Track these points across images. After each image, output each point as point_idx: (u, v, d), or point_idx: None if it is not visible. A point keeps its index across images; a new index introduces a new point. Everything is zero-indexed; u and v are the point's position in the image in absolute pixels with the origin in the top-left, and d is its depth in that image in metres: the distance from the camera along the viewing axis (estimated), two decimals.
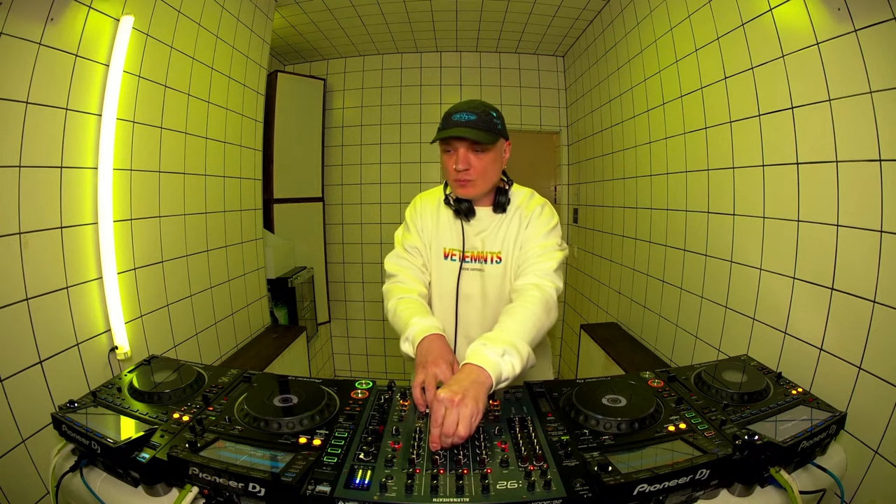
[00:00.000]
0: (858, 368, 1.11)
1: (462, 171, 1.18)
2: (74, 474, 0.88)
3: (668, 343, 2.03)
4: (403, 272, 1.29)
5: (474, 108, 1.18)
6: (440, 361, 1.00)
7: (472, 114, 1.16)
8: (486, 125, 1.16)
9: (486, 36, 3.30)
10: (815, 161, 1.23)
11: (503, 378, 0.94)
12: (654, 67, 2.11)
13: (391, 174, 3.69)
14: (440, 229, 1.33)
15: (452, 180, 1.23)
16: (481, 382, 0.90)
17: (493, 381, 0.92)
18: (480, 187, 1.23)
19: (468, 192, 1.23)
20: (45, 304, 1.24)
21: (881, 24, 1.02)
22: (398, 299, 1.21)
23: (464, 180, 1.21)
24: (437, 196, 1.37)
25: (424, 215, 1.35)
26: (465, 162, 1.18)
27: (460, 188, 1.23)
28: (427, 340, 1.06)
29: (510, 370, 0.95)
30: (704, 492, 0.82)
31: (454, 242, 1.31)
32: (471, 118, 1.16)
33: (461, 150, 1.18)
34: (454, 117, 1.17)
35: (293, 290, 2.94)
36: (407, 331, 1.10)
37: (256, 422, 0.91)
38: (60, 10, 1.25)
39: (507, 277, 1.28)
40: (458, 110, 1.18)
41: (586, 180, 3.23)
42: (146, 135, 1.65)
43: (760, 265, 1.45)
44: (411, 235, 1.34)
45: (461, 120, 1.16)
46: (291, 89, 3.29)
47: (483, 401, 0.88)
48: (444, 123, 1.19)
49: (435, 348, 1.04)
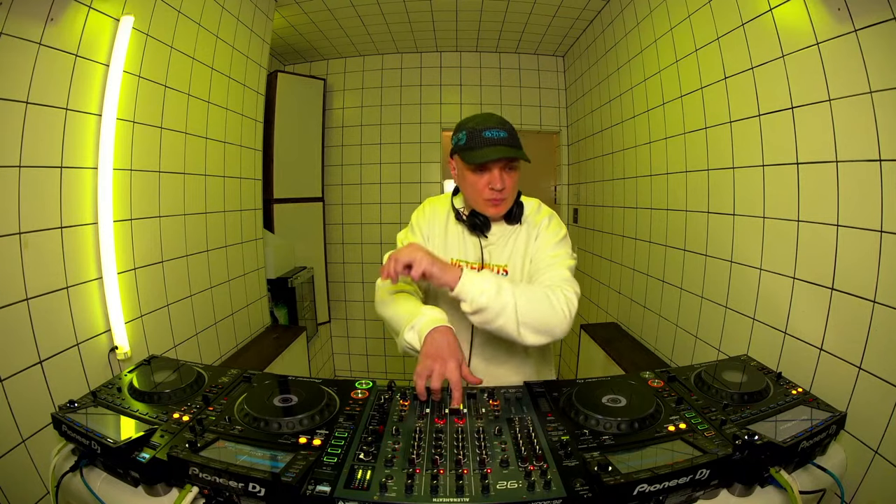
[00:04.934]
0: (858, 368, 1.11)
1: (498, 191, 1.15)
2: (74, 474, 0.88)
3: (668, 343, 2.03)
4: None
5: (502, 124, 1.15)
6: (450, 360, 0.99)
7: (503, 130, 1.13)
8: (517, 141, 1.15)
9: (486, 36, 3.30)
10: (815, 161, 1.23)
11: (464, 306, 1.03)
12: (654, 67, 2.11)
13: (391, 174, 3.69)
14: (448, 239, 1.30)
15: (484, 200, 1.18)
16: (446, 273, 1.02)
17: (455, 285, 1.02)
18: (509, 204, 1.21)
19: (500, 211, 1.21)
20: (45, 304, 1.24)
21: (881, 24, 1.02)
22: (396, 292, 1.18)
23: (498, 199, 1.17)
24: (445, 205, 1.33)
25: (434, 223, 1.32)
26: (501, 181, 1.14)
27: (492, 207, 1.19)
28: (438, 332, 1.04)
29: (475, 305, 1.02)
30: (704, 492, 0.82)
31: (461, 254, 1.28)
32: (503, 135, 1.13)
33: (496, 171, 1.14)
34: (486, 134, 1.13)
35: (293, 290, 2.94)
36: (414, 320, 1.07)
37: (256, 422, 0.91)
38: (60, 10, 1.25)
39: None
40: (488, 126, 1.14)
41: (586, 180, 3.23)
42: (146, 135, 1.65)
43: (760, 265, 1.45)
44: (415, 240, 1.30)
45: (496, 137, 1.12)
46: (291, 89, 3.29)
47: (419, 269, 1.00)
48: (477, 141, 1.13)
49: (445, 343, 1.02)
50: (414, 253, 1.02)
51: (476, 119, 1.18)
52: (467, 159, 1.15)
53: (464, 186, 1.24)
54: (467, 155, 1.15)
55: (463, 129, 1.18)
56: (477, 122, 1.17)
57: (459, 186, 1.28)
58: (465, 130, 1.16)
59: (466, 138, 1.15)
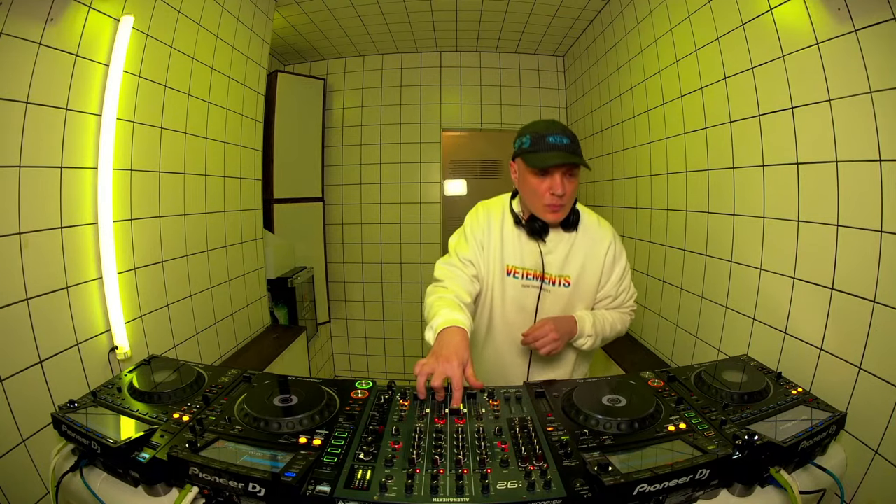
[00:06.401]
0: (858, 368, 1.11)
1: (559, 196, 1.17)
2: (74, 474, 0.88)
3: (668, 343, 2.03)
4: (450, 279, 1.27)
5: (564, 130, 1.18)
6: (453, 359, 0.99)
7: (566, 137, 1.16)
8: (578, 149, 1.18)
9: (486, 36, 3.30)
10: (815, 161, 1.23)
11: (579, 341, 1.27)
12: (654, 67, 2.11)
13: (391, 174, 3.69)
14: (505, 245, 1.30)
15: (544, 205, 1.20)
16: (570, 330, 1.25)
17: (577, 332, 1.26)
18: (567, 210, 1.24)
19: (558, 217, 1.23)
20: (45, 304, 1.24)
21: (881, 24, 1.02)
22: (437, 297, 1.20)
23: (557, 205, 1.20)
24: (500, 208, 1.34)
25: (490, 229, 1.32)
26: (562, 187, 1.16)
27: (551, 213, 1.21)
28: (448, 332, 1.06)
29: (586, 343, 1.27)
30: (704, 492, 0.82)
31: (518, 261, 1.30)
32: (566, 142, 1.15)
33: (557, 176, 1.16)
34: (550, 139, 1.15)
35: (293, 290, 2.94)
36: (433, 320, 1.11)
37: (256, 422, 0.91)
38: (60, 10, 1.25)
39: (573, 302, 1.31)
40: (553, 132, 1.16)
41: (586, 180, 3.23)
42: (146, 135, 1.65)
43: (760, 265, 1.45)
44: (469, 249, 1.31)
45: (559, 143, 1.15)
46: (291, 89, 3.29)
47: (565, 340, 1.23)
48: (540, 145, 1.16)
49: (452, 343, 1.03)
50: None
51: (540, 124, 1.20)
52: (530, 162, 1.17)
53: (524, 190, 1.26)
54: (530, 158, 1.17)
55: (527, 132, 1.20)
56: (541, 127, 1.19)
57: (519, 190, 1.30)
58: (530, 134, 1.19)
59: (531, 142, 1.18)
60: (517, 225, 1.29)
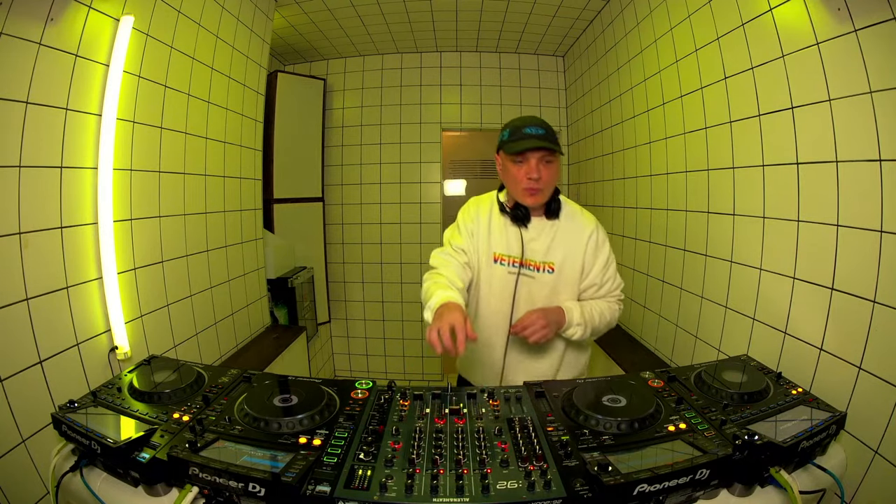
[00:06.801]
0: (858, 368, 1.11)
1: (535, 179, 1.27)
2: (74, 474, 0.89)
3: (668, 343, 2.03)
4: (444, 266, 1.37)
5: (540, 123, 1.29)
6: (456, 312, 1.08)
7: (541, 128, 1.27)
8: (554, 138, 1.28)
9: (486, 36, 3.30)
10: (815, 161, 1.23)
11: (569, 331, 1.31)
12: (654, 67, 2.11)
13: (391, 174, 3.69)
14: (492, 233, 1.39)
15: (522, 189, 1.30)
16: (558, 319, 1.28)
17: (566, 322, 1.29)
18: (546, 195, 1.33)
19: (537, 200, 1.32)
20: (45, 304, 1.24)
21: (881, 24, 1.02)
22: (432, 282, 1.28)
23: (534, 189, 1.29)
24: (488, 200, 1.44)
25: (478, 219, 1.42)
26: (537, 171, 1.27)
27: (529, 196, 1.30)
28: (445, 306, 1.13)
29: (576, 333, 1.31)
30: (704, 492, 0.82)
31: (504, 248, 1.38)
32: (541, 132, 1.27)
33: (533, 161, 1.27)
34: (526, 130, 1.27)
35: (293, 290, 2.94)
36: (429, 301, 1.19)
37: (256, 422, 0.91)
38: (60, 10, 1.25)
39: (558, 289, 1.36)
40: (528, 124, 1.28)
41: (586, 180, 3.23)
42: (146, 135, 1.65)
43: (760, 265, 1.45)
44: (460, 238, 1.42)
45: (534, 133, 1.26)
46: (291, 89, 3.29)
47: (554, 329, 1.26)
48: (517, 135, 1.28)
49: (449, 310, 1.10)
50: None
51: (519, 119, 1.33)
52: (508, 150, 1.29)
53: (506, 178, 1.37)
54: (509, 146, 1.29)
55: (507, 127, 1.33)
56: (519, 121, 1.31)
57: (503, 180, 1.41)
58: (509, 128, 1.32)
59: (509, 134, 1.31)
60: (502, 213, 1.39)
